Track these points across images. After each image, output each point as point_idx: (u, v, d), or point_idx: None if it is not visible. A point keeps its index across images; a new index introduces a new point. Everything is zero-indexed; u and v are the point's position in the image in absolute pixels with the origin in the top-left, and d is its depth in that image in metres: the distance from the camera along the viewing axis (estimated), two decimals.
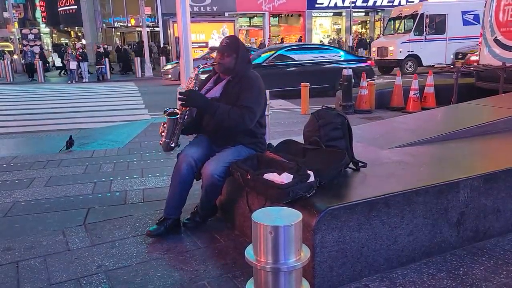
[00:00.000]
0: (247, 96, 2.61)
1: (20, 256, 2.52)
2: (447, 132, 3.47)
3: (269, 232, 1.24)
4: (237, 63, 2.68)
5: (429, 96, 7.68)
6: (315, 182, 2.20)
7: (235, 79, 2.69)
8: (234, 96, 2.64)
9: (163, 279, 2.21)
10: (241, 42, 2.79)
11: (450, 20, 15.34)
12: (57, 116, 8.65)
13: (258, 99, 2.66)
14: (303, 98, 7.73)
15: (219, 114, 2.56)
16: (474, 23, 15.22)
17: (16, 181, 4.08)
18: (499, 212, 2.55)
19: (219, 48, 2.71)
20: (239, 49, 2.69)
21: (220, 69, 2.73)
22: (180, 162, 2.66)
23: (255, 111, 2.61)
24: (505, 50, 7.05)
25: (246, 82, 2.67)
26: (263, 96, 2.73)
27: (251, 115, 2.59)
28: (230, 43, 2.71)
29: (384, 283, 2.11)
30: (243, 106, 2.58)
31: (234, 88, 2.67)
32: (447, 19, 15.40)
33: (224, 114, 2.55)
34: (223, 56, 2.68)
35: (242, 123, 2.58)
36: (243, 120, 2.57)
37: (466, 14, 15.32)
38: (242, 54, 2.70)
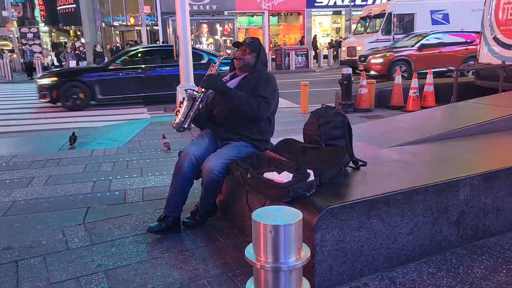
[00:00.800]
0: (264, 88, 2.70)
1: (20, 255, 2.51)
2: (447, 131, 3.47)
3: (269, 231, 1.23)
4: (257, 62, 2.79)
5: (429, 94, 7.68)
6: (315, 181, 2.19)
7: (252, 76, 2.77)
8: (250, 90, 2.70)
9: (163, 278, 2.21)
10: (261, 43, 2.88)
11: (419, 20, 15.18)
12: (56, 115, 8.64)
13: (274, 94, 2.75)
14: (303, 97, 7.72)
15: (238, 98, 2.62)
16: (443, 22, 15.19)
17: (15, 180, 4.08)
18: (499, 210, 2.54)
19: (243, 44, 2.78)
20: (260, 50, 2.80)
21: (239, 64, 2.80)
22: (182, 160, 2.65)
23: (271, 102, 2.70)
24: (505, 49, 7.04)
25: (261, 79, 2.76)
26: (277, 94, 2.80)
27: (266, 106, 2.67)
28: (254, 42, 2.81)
29: (384, 282, 2.11)
30: (260, 95, 2.66)
31: (250, 82, 2.74)
32: (415, 18, 15.25)
33: (242, 99, 2.62)
34: (245, 52, 2.77)
35: (258, 110, 2.65)
36: (259, 108, 2.64)
37: (435, 13, 15.19)
38: (262, 55, 2.82)
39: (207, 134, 2.83)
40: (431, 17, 15.20)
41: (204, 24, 18.91)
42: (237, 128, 2.72)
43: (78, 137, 5.76)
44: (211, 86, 2.69)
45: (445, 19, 15.19)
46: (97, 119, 7.97)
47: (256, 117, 2.70)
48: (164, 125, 6.77)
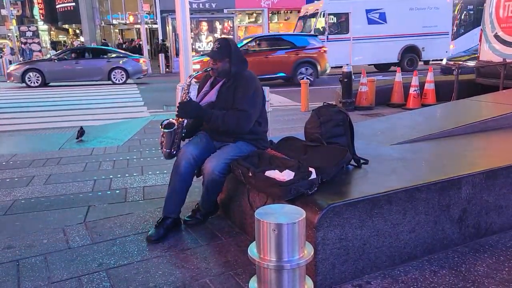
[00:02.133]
0: (242, 99, 2.61)
1: (21, 254, 2.50)
2: (448, 129, 3.47)
3: (273, 230, 1.23)
4: (231, 65, 2.68)
5: (429, 92, 7.67)
6: (317, 179, 2.19)
7: (230, 81, 2.69)
8: (230, 98, 2.64)
9: (165, 277, 2.21)
10: (232, 43, 2.72)
11: (354, 19, 14.75)
12: (56, 113, 8.62)
13: (253, 101, 2.64)
14: (303, 95, 7.72)
15: (213, 122, 2.59)
16: (379, 22, 14.86)
17: (15, 179, 4.07)
18: (501, 208, 2.54)
19: (210, 54, 2.68)
20: (231, 52, 2.66)
21: (214, 74, 2.74)
22: (179, 160, 2.64)
23: (250, 114, 2.61)
24: (506, 46, 7.03)
25: (240, 83, 2.65)
26: (259, 96, 2.69)
27: (246, 119, 2.60)
28: (221, 48, 2.66)
29: (386, 280, 2.11)
30: (237, 109, 2.59)
31: (229, 90, 2.67)
32: (350, 18, 14.80)
33: (218, 121, 2.58)
34: (215, 61, 2.68)
35: (238, 127, 2.61)
36: (238, 125, 2.59)
37: (371, 12, 14.79)
38: (235, 55, 2.68)
39: (204, 133, 2.81)
40: (367, 16, 14.81)
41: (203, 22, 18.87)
42: (228, 134, 2.69)
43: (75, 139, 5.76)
44: (184, 117, 2.67)
45: (382, 18, 14.85)
46: (97, 118, 7.96)
47: (238, 132, 2.66)
48: None
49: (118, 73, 13.88)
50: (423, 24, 15.13)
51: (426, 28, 15.18)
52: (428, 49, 15.32)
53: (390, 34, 14.87)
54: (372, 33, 14.73)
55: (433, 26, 15.21)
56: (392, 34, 14.90)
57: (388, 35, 14.84)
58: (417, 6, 15.05)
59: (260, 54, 12.00)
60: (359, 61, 14.85)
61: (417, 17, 15.04)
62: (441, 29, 15.37)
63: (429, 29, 15.19)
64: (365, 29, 14.76)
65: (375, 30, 14.75)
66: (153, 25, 26.84)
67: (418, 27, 15.08)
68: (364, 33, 14.74)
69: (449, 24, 15.90)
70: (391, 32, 14.87)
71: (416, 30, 15.10)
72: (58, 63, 13.66)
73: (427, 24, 15.16)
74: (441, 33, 15.37)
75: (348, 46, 14.78)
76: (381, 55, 14.99)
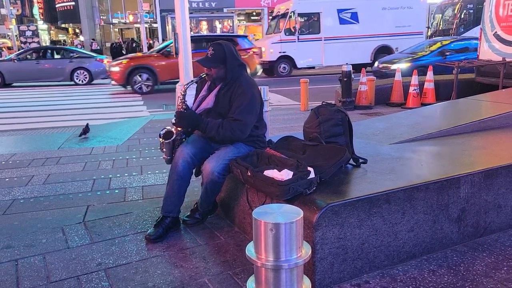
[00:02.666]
0: (238, 107, 2.59)
1: (20, 254, 2.50)
2: (447, 128, 3.47)
3: (270, 229, 1.23)
4: (227, 71, 2.66)
5: (429, 91, 7.67)
6: (316, 178, 2.19)
7: (227, 86, 2.68)
8: (226, 105, 2.65)
9: (163, 276, 2.21)
10: (227, 48, 2.66)
11: (325, 19, 14.48)
12: (55, 113, 8.62)
13: (250, 108, 2.62)
14: (303, 94, 7.71)
15: (209, 131, 2.60)
16: (351, 22, 14.61)
17: (14, 178, 4.07)
18: (499, 207, 2.54)
19: (202, 62, 2.65)
20: (226, 58, 2.63)
21: (210, 79, 2.73)
22: (177, 159, 2.64)
23: (246, 122, 2.60)
24: (505, 45, 7.03)
25: (237, 90, 2.63)
26: (256, 103, 2.67)
27: (242, 128, 2.60)
28: (215, 55, 2.63)
29: (385, 280, 2.11)
30: (233, 119, 2.58)
31: (225, 95, 2.66)
32: (321, 17, 14.50)
33: (213, 131, 2.59)
34: (209, 68, 2.67)
35: (233, 137, 2.61)
36: (234, 134, 2.59)
37: (343, 12, 14.53)
38: (230, 61, 2.64)
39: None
40: (339, 16, 14.52)
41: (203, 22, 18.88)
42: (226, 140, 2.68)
43: (78, 136, 5.75)
44: (181, 126, 2.67)
45: (354, 18, 14.60)
46: (96, 117, 7.96)
47: (234, 140, 2.66)
48: (163, 123, 6.76)
49: (81, 73, 13.70)
50: (396, 24, 14.91)
51: (399, 28, 14.94)
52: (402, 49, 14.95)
53: (363, 34, 14.66)
54: (344, 33, 14.47)
55: (406, 26, 14.99)
56: (365, 34, 14.68)
57: (361, 35, 14.64)
58: (390, 5, 14.85)
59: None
60: (331, 61, 14.60)
61: (390, 17, 14.88)
62: (414, 29, 15.12)
63: (403, 29, 14.94)
64: (336, 29, 14.49)
65: (347, 30, 14.50)
66: (153, 24, 26.83)
67: (391, 27, 14.87)
68: (335, 33, 14.47)
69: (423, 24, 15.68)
70: (363, 32, 14.66)
71: (389, 30, 14.86)
72: (19, 63, 13.50)
73: (400, 24, 14.94)
74: (415, 33, 15.03)
75: (320, 46, 14.51)
76: (354, 56, 14.51)
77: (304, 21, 14.72)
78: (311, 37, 14.53)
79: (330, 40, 14.48)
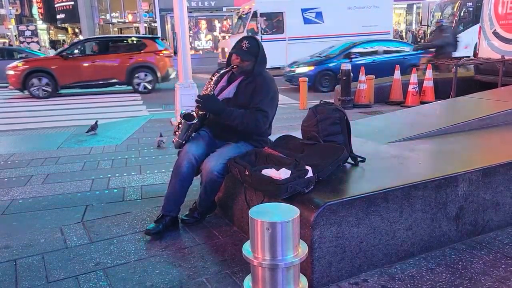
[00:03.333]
0: (262, 99, 2.61)
1: (18, 254, 2.51)
2: (446, 126, 3.46)
3: (266, 228, 1.23)
4: (256, 65, 2.68)
5: (428, 90, 7.66)
6: (314, 177, 2.19)
7: (249, 79, 2.68)
8: (248, 96, 2.64)
9: (162, 276, 2.21)
10: (260, 44, 2.73)
11: (289, 19, 14.09)
12: (55, 113, 8.62)
13: (273, 102, 2.67)
14: (302, 93, 7.71)
15: (233, 120, 2.57)
16: (316, 21, 14.22)
17: (13, 178, 4.07)
18: (498, 205, 2.54)
19: (239, 53, 2.65)
20: (259, 53, 2.67)
21: (238, 71, 2.71)
22: (181, 160, 2.63)
23: (268, 115, 2.64)
24: (504, 43, 7.03)
25: (260, 83, 2.65)
26: (276, 99, 2.73)
27: (264, 119, 2.62)
28: (251, 48, 2.65)
29: (383, 278, 2.11)
30: (257, 109, 2.59)
31: (247, 88, 2.66)
32: (284, 17, 14.14)
33: (238, 119, 2.57)
34: (243, 61, 2.65)
35: (256, 127, 2.62)
36: (257, 124, 2.60)
37: (307, 12, 14.15)
38: (261, 56, 2.69)
39: (207, 131, 2.80)
40: (303, 16, 14.14)
41: (202, 21, 18.86)
42: (235, 132, 2.68)
43: (77, 135, 5.75)
44: (206, 109, 2.64)
45: (319, 18, 14.24)
46: (95, 117, 7.95)
47: (254, 132, 2.68)
48: (162, 122, 6.76)
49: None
50: (362, 23, 14.49)
51: (366, 27, 14.49)
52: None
53: (328, 34, 14.08)
54: (308, 33, 14.03)
55: (373, 25, 14.60)
56: (330, 34, 14.09)
57: (326, 35, 14.03)
58: (356, 5, 14.55)
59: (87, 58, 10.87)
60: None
61: (356, 16, 14.53)
62: (381, 28, 14.71)
63: (369, 28, 14.47)
64: (301, 29, 14.10)
65: (312, 30, 14.09)
66: (152, 24, 26.80)
67: (358, 26, 14.42)
68: (300, 33, 14.06)
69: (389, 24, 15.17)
70: (329, 32, 14.13)
71: (356, 29, 14.33)
72: None
73: (367, 24, 14.54)
74: (382, 33, 14.57)
75: (284, 46, 14.06)
76: None
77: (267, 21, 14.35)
78: (275, 37, 14.12)
79: (294, 40, 14.06)
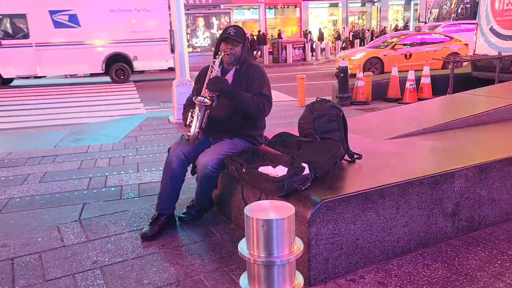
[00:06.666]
0: (262, 85, 2.64)
1: (15, 253, 2.50)
2: (443, 123, 3.47)
3: (262, 226, 1.23)
4: (243, 51, 2.68)
5: (425, 86, 7.68)
6: (310, 174, 2.19)
7: (242, 68, 2.68)
8: (244, 85, 2.64)
9: (159, 273, 2.21)
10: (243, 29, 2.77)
11: (34, 22, 12.26)
12: (52, 111, 8.60)
13: (270, 88, 2.71)
14: (300, 90, 7.71)
15: (246, 100, 2.55)
16: (71, 25, 12.55)
17: (10, 177, 4.06)
18: (494, 202, 2.55)
19: (229, 39, 2.63)
20: (245, 38, 2.69)
21: (231, 59, 2.67)
22: (171, 157, 2.63)
23: (271, 99, 2.67)
24: (501, 39, 7.03)
25: (256, 70, 2.68)
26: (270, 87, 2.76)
27: (269, 104, 2.65)
28: (238, 32, 2.66)
29: (380, 274, 2.11)
30: (261, 94, 2.61)
31: (243, 77, 2.66)
32: (28, 20, 12.27)
33: (249, 100, 2.56)
34: (233, 45, 2.64)
35: (263, 110, 2.63)
36: (264, 108, 2.62)
37: (57, 14, 12.41)
38: (246, 42, 2.71)
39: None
40: (52, 18, 12.35)
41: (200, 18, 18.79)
42: (232, 128, 2.68)
43: (74, 133, 5.73)
44: (218, 89, 2.53)
45: (74, 21, 12.53)
46: (93, 115, 7.94)
47: (261, 117, 2.70)
48: (160, 120, 6.75)
49: None
50: (131, 29, 12.96)
51: (137, 33, 12.98)
52: (143, 58, 13.12)
53: (87, 40, 12.75)
54: (62, 38, 12.46)
55: (146, 31, 13.04)
56: (90, 40, 12.82)
57: (84, 41, 12.70)
58: (120, 7, 12.89)
59: None
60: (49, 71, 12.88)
61: (123, 21, 12.89)
62: (156, 35, 12.98)
63: (141, 35, 12.99)
64: (51, 34, 12.39)
65: (65, 35, 12.48)
66: None
67: (125, 32, 12.93)
68: (50, 38, 12.41)
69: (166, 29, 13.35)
70: (87, 38, 12.74)
71: (123, 35, 12.92)
72: None
73: (137, 29, 12.98)
74: (157, 40, 12.98)
75: (31, 53, 12.31)
76: (80, 64, 12.91)
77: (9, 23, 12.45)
78: (19, 43, 12.27)
79: (44, 46, 12.35)
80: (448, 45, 12.13)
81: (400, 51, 11.91)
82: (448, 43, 12.21)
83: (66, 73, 13.75)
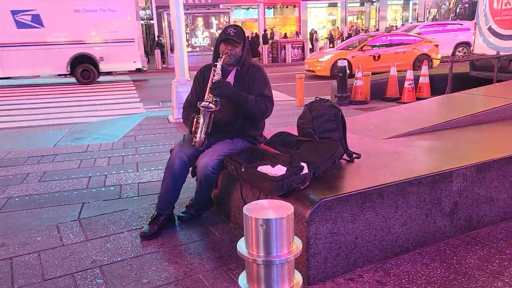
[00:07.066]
0: (264, 86, 2.65)
1: (14, 252, 2.51)
2: (441, 122, 3.48)
3: (261, 225, 1.23)
4: (243, 52, 2.68)
5: (424, 86, 7.69)
6: (309, 174, 2.20)
7: (243, 69, 2.68)
8: (246, 86, 2.64)
9: (158, 273, 2.22)
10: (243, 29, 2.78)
11: None
12: (51, 110, 8.59)
13: (271, 88, 2.72)
14: (299, 90, 7.71)
15: (250, 102, 2.56)
16: (34, 26, 12.29)
17: (10, 176, 4.06)
18: (492, 201, 2.56)
19: (229, 40, 2.61)
20: (245, 37, 2.70)
21: (231, 60, 2.65)
22: (173, 158, 2.63)
23: (273, 101, 2.69)
24: (499, 39, 7.05)
25: (256, 72, 2.69)
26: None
27: (271, 105, 2.67)
28: (238, 32, 2.64)
29: (378, 273, 2.12)
30: (263, 95, 2.62)
31: (245, 78, 2.66)
32: None
33: (253, 102, 2.57)
34: (234, 46, 2.63)
35: (266, 111, 2.65)
36: (267, 110, 2.64)
37: (19, 14, 12.17)
38: (246, 42, 2.72)
39: None
40: (14, 18, 12.14)
41: (199, 18, 18.77)
42: (233, 129, 2.68)
43: (73, 133, 5.73)
44: (221, 93, 2.51)
45: (37, 21, 12.28)
46: (92, 114, 7.94)
47: (263, 118, 2.72)
48: (160, 120, 6.75)
49: None
50: (97, 29, 12.84)
51: (103, 34, 12.85)
52: (110, 59, 12.82)
53: (52, 40, 12.50)
54: (25, 39, 12.21)
55: (112, 32, 12.84)
56: (54, 40, 12.52)
57: (49, 41, 12.48)
58: (85, 7, 12.71)
59: None
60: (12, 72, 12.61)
61: (87, 21, 12.76)
62: (123, 35, 12.87)
63: (107, 35, 12.84)
64: (14, 34, 12.17)
65: (29, 35, 12.25)
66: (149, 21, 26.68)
67: (91, 32, 12.86)
68: (13, 39, 12.17)
69: (133, 29, 13.15)
70: (51, 38, 12.50)
71: (88, 36, 12.82)
72: None
73: (102, 30, 12.85)
74: (123, 40, 12.87)
75: None
76: (44, 65, 12.63)
77: None
78: None
79: (6, 46, 12.21)
80: (418, 46, 12.11)
81: (369, 53, 11.87)
82: (418, 44, 12.19)
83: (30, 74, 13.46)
